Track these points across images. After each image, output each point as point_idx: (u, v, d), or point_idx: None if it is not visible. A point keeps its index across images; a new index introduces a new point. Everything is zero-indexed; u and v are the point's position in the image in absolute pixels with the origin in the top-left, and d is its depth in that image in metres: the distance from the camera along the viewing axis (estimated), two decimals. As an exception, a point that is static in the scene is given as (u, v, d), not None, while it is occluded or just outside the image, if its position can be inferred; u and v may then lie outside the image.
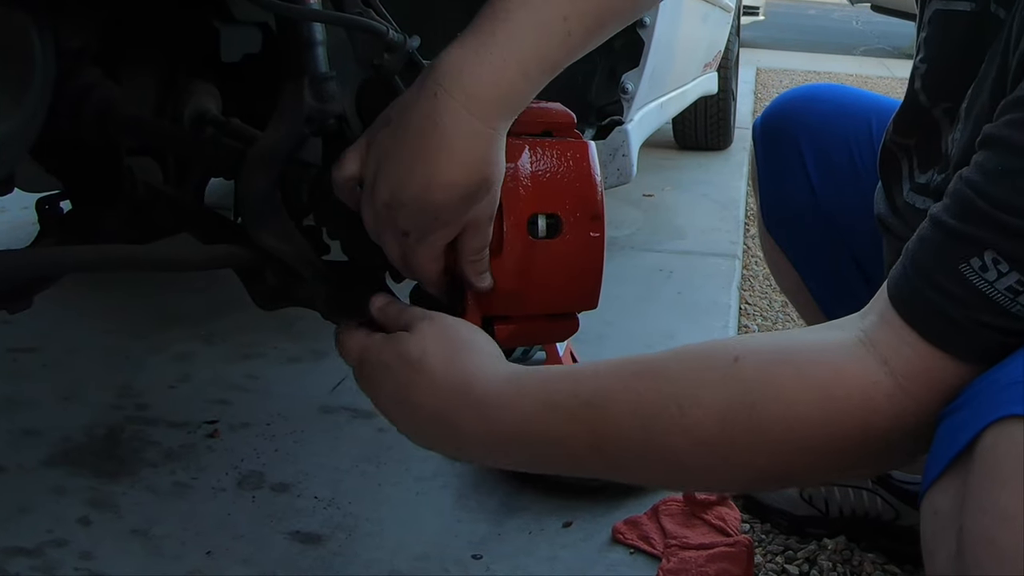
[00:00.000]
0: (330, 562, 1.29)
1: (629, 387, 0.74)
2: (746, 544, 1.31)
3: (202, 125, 1.29)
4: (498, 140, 0.85)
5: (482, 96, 0.81)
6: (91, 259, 1.16)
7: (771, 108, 1.34)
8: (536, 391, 0.78)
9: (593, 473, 0.80)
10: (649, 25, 1.96)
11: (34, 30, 1.06)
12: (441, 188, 0.81)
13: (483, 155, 0.83)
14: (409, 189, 0.82)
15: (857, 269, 1.36)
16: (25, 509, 1.38)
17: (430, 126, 0.81)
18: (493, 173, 0.85)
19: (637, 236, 2.87)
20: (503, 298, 1.10)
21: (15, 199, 1.62)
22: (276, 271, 1.20)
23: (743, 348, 0.74)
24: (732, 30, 3.93)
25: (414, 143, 0.82)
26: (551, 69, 0.84)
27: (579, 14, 0.83)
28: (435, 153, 0.81)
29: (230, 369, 1.85)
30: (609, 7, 0.85)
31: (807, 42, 9.73)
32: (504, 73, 0.81)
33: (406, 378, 0.83)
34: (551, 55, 0.83)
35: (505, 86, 0.82)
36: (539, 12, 0.81)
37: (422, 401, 0.82)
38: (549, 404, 0.77)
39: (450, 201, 0.83)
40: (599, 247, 1.10)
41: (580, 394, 0.76)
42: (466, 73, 0.80)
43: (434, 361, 0.82)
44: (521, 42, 0.81)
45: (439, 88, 0.80)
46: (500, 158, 0.87)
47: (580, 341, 1.71)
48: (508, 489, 1.46)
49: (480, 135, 0.82)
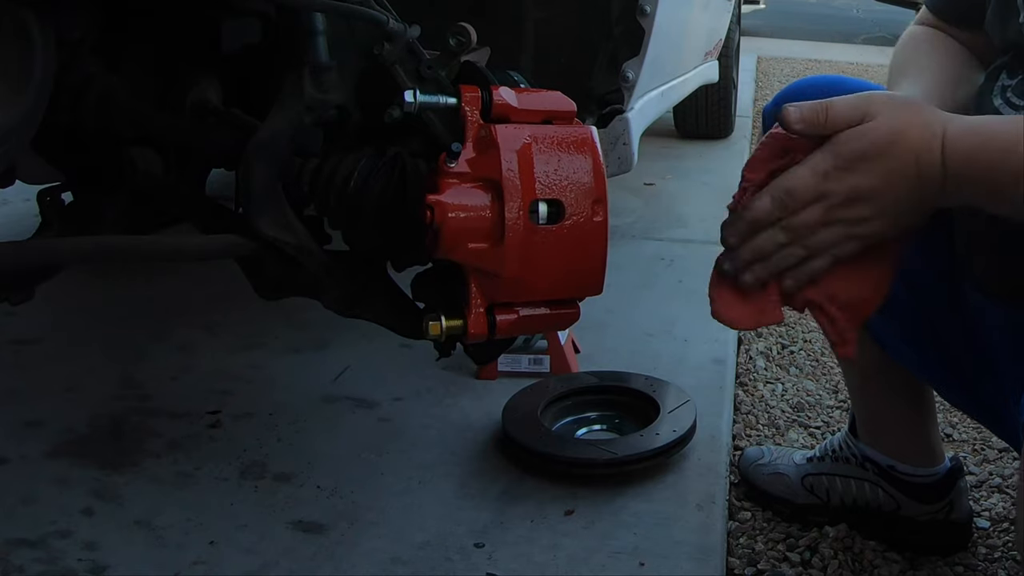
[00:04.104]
0: (332, 551, 1.29)
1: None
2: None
3: (203, 115, 1.29)
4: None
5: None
6: (92, 250, 1.16)
7: (787, 94, 1.33)
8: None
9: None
10: (650, 13, 1.96)
11: (35, 22, 1.06)
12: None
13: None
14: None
15: None
16: (28, 500, 1.38)
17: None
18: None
19: (638, 224, 2.87)
20: (506, 285, 1.10)
21: (17, 190, 1.63)
22: (277, 261, 1.20)
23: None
24: (733, 18, 3.92)
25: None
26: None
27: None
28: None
29: (232, 359, 1.85)
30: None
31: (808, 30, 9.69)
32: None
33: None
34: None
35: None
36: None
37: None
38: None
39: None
40: (602, 231, 1.10)
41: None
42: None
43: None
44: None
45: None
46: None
47: (581, 329, 1.72)
48: (510, 477, 1.46)
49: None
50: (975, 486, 1.57)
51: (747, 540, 1.42)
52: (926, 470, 1.39)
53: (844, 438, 1.45)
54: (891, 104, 0.92)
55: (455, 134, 1.10)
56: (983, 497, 1.54)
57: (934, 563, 1.37)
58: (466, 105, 1.09)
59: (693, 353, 1.90)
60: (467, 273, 1.11)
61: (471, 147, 1.08)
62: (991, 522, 1.47)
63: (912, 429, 1.39)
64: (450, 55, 1.14)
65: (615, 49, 2.05)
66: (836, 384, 1.95)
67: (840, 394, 1.91)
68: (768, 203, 0.93)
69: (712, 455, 1.53)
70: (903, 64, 1.16)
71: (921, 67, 1.13)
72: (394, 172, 1.15)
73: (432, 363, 1.76)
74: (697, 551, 1.31)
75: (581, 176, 1.09)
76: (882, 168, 0.89)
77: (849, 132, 0.90)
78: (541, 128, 1.10)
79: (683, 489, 1.45)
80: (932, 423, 1.40)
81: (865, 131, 0.90)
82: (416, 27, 1.14)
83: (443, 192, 1.07)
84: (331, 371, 1.80)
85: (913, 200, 0.91)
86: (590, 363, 1.82)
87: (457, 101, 1.09)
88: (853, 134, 0.90)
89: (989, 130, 0.90)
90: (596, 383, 1.68)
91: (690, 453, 1.52)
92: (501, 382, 1.75)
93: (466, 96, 1.09)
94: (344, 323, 1.35)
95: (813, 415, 1.83)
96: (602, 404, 1.65)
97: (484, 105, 1.09)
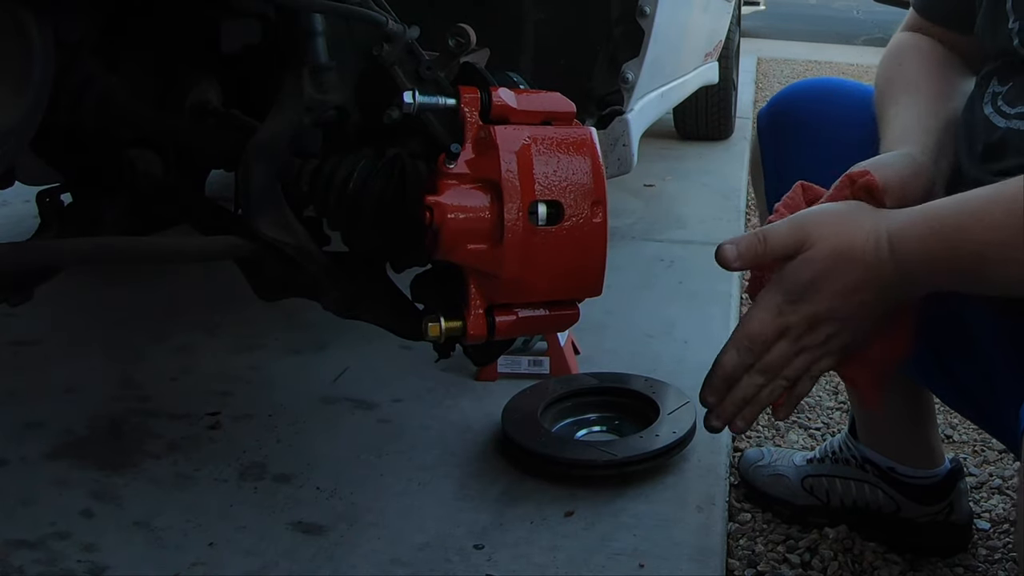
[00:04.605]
0: (332, 552, 1.29)
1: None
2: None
3: (202, 116, 1.29)
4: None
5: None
6: (92, 251, 1.16)
7: (779, 98, 1.33)
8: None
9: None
10: (650, 14, 1.96)
11: (34, 23, 1.06)
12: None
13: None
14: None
15: None
16: (28, 501, 1.38)
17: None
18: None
19: (638, 226, 2.87)
20: (505, 286, 1.10)
21: (16, 191, 1.63)
22: (276, 262, 1.20)
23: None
24: (733, 19, 3.92)
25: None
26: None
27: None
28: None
29: (232, 360, 1.85)
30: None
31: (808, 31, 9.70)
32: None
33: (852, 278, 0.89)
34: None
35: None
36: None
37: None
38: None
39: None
40: (602, 232, 1.10)
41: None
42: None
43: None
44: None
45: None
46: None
47: (581, 330, 1.72)
48: (510, 479, 1.46)
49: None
50: (975, 487, 1.57)
51: (747, 541, 1.42)
52: (926, 472, 1.39)
53: (844, 440, 1.45)
54: (826, 223, 0.92)
55: (454, 135, 1.10)
56: (983, 498, 1.54)
57: (934, 564, 1.37)
58: (465, 106, 1.09)
59: (693, 354, 1.90)
60: (466, 274, 1.11)
61: (470, 148, 1.08)
62: (991, 523, 1.47)
63: (912, 431, 1.39)
64: (449, 56, 1.14)
65: (615, 50, 2.05)
66: (836, 385, 1.95)
67: (840, 396, 1.91)
68: (735, 355, 0.94)
69: (712, 456, 1.53)
70: (888, 84, 1.16)
71: (907, 87, 1.12)
72: (393, 173, 1.15)
73: (432, 364, 1.76)
74: (697, 552, 1.31)
75: (580, 177, 1.09)
76: (831, 290, 0.91)
77: (790, 265, 0.92)
78: (540, 129, 1.10)
79: (683, 490, 1.45)
80: (932, 425, 1.40)
81: (805, 260, 0.91)
82: (415, 28, 1.14)
83: (442, 193, 1.07)
84: (331, 372, 1.80)
85: (876, 304, 0.92)
86: (590, 364, 1.82)
87: (456, 102, 1.09)
88: (794, 267, 0.92)
89: (935, 216, 0.89)
90: (596, 384, 1.68)
91: (690, 454, 1.52)
92: (501, 383, 1.75)
93: (465, 97, 1.09)
94: (343, 324, 1.35)
95: (813, 416, 1.83)
96: (602, 405, 1.64)
97: (483, 106, 1.09)
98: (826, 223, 0.92)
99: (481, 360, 1.38)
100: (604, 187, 1.10)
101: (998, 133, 0.98)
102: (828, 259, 0.90)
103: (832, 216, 0.93)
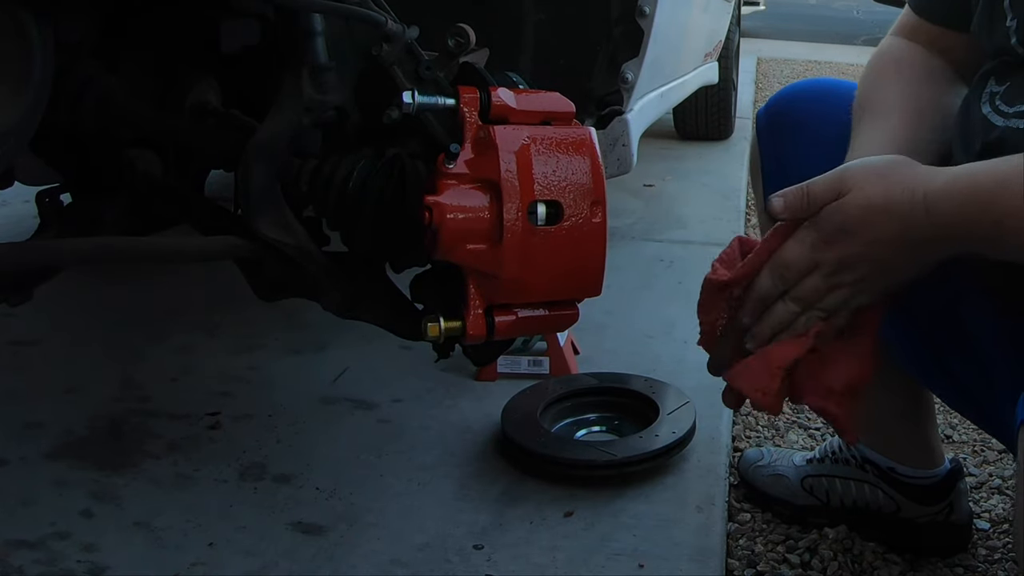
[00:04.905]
0: (332, 553, 1.29)
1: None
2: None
3: (202, 116, 1.29)
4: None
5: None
6: (91, 251, 1.16)
7: (777, 99, 1.33)
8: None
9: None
10: (649, 15, 1.96)
11: (34, 24, 1.06)
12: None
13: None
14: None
15: None
16: (27, 502, 1.38)
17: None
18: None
19: (638, 226, 2.87)
20: (505, 286, 1.10)
21: (16, 192, 1.63)
22: (276, 262, 1.20)
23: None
24: (733, 19, 3.92)
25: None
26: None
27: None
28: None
29: (232, 361, 1.85)
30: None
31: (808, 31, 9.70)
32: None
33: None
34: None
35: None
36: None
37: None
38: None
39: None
40: (601, 232, 1.10)
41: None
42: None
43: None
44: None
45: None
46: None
47: (581, 330, 1.72)
48: (509, 479, 1.46)
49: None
50: (975, 487, 1.57)
51: (747, 542, 1.42)
52: (926, 472, 1.39)
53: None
54: (866, 175, 0.94)
55: (454, 135, 1.10)
56: (983, 499, 1.54)
57: (934, 565, 1.37)
58: (464, 106, 1.09)
59: (693, 354, 1.89)
60: (466, 274, 1.11)
61: (470, 148, 1.08)
62: (991, 523, 1.47)
63: (912, 431, 1.39)
64: (449, 56, 1.14)
65: (614, 50, 2.05)
66: (836, 385, 1.95)
67: (840, 395, 1.90)
68: (768, 279, 0.97)
69: (712, 456, 1.53)
70: (867, 97, 1.16)
71: (885, 104, 1.12)
72: (393, 173, 1.15)
73: (431, 364, 1.76)
74: (697, 553, 1.31)
75: (580, 177, 1.09)
76: (862, 239, 0.92)
77: (827, 208, 0.94)
78: (540, 129, 1.10)
79: (683, 491, 1.45)
80: (932, 425, 1.40)
81: (840, 206, 0.93)
82: (415, 28, 1.14)
83: (442, 193, 1.07)
84: (330, 372, 1.80)
85: (905, 259, 0.93)
86: (590, 364, 1.82)
87: (455, 102, 1.09)
88: (829, 210, 0.94)
89: (971, 179, 0.90)
90: (595, 385, 1.68)
91: (690, 455, 1.52)
92: (500, 383, 1.74)
93: (464, 97, 1.09)
94: (343, 324, 1.35)
95: (813, 416, 1.83)
96: (601, 406, 1.64)
97: (483, 106, 1.09)
98: (866, 174, 0.94)
99: (481, 360, 1.39)
100: (603, 187, 1.11)
101: (996, 132, 0.98)
102: (863, 208, 0.92)
103: (874, 167, 0.95)
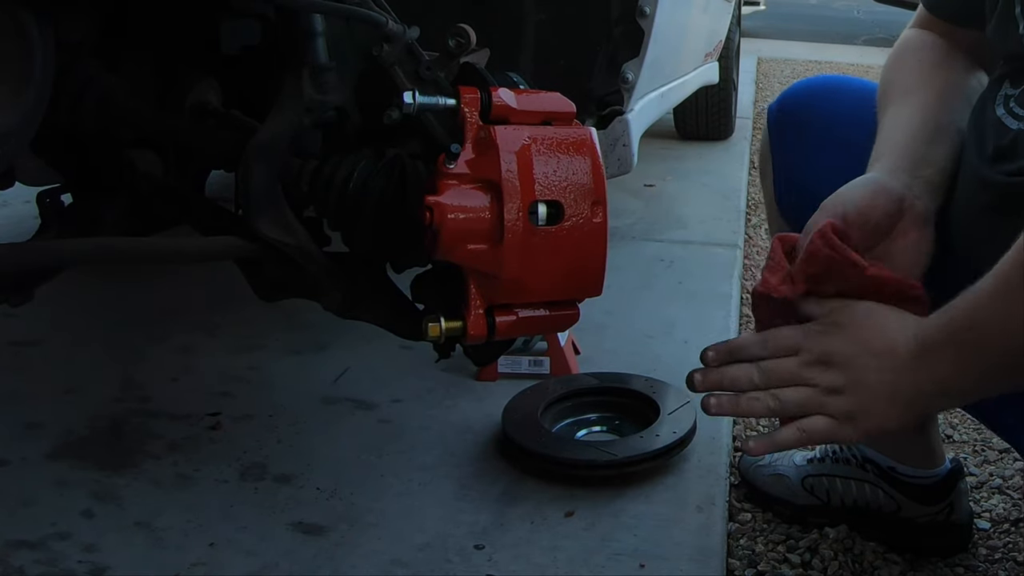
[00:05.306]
0: (332, 553, 1.29)
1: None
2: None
3: (202, 116, 1.29)
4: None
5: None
6: (92, 251, 1.16)
7: (790, 94, 1.33)
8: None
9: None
10: (649, 15, 1.95)
11: (34, 24, 1.06)
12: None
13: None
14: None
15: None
16: (28, 502, 1.38)
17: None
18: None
19: (638, 226, 2.87)
20: (505, 286, 1.10)
21: (17, 192, 1.63)
22: (277, 262, 1.20)
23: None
24: (733, 19, 3.91)
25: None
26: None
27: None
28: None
29: (232, 361, 1.85)
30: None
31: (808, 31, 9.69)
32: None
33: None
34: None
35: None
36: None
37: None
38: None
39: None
40: (601, 233, 1.10)
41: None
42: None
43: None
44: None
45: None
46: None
47: (581, 330, 1.72)
48: (510, 479, 1.46)
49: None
50: (975, 487, 1.57)
51: (747, 541, 1.42)
52: (926, 471, 1.39)
53: (844, 439, 1.45)
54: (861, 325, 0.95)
55: (454, 135, 1.10)
56: (983, 498, 1.54)
57: (934, 564, 1.37)
58: (465, 106, 1.09)
59: (693, 355, 1.88)
60: (466, 274, 1.11)
61: (470, 148, 1.08)
62: (991, 523, 1.47)
63: (912, 430, 1.39)
64: (449, 56, 1.14)
65: (615, 50, 2.05)
66: (836, 385, 1.95)
67: (840, 395, 1.90)
68: (753, 337, 0.99)
69: (712, 456, 1.53)
70: (883, 91, 1.16)
71: (900, 95, 1.13)
72: (393, 173, 1.15)
73: (432, 364, 1.76)
74: (697, 552, 1.31)
75: (580, 177, 1.09)
76: (855, 339, 0.93)
77: (836, 301, 0.95)
78: (540, 129, 1.10)
79: (683, 491, 1.45)
80: (932, 424, 1.40)
81: (848, 304, 0.95)
82: (415, 28, 1.14)
83: (442, 193, 1.07)
84: (331, 373, 1.80)
85: (885, 384, 0.92)
86: (590, 364, 1.82)
87: (456, 102, 1.09)
88: (840, 303, 0.95)
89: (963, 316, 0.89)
90: (596, 385, 1.68)
91: (690, 455, 1.52)
92: (501, 384, 1.75)
93: (465, 97, 1.09)
94: (344, 325, 1.35)
95: (813, 416, 1.83)
96: (602, 406, 1.64)
97: (483, 106, 1.09)
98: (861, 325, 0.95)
99: (481, 360, 1.39)
100: (604, 187, 1.10)
101: (1010, 135, 0.98)
102: (862, 314, 0.94)
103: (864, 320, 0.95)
